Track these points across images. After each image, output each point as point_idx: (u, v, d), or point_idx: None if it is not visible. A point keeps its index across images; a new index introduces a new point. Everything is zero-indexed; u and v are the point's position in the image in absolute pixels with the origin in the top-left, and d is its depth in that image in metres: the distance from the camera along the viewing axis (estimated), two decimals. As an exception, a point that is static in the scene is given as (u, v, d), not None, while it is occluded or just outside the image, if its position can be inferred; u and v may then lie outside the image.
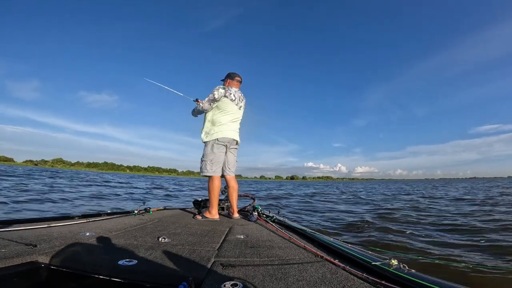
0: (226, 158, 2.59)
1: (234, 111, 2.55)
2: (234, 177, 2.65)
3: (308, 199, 10.75)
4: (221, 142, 2.48)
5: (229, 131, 2.52)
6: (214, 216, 2.43)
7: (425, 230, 4.00)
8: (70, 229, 1.62)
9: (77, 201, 6.83)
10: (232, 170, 2.64)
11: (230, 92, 2.51)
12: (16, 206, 5.24)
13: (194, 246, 1.34)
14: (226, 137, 2.49)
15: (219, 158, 2.49)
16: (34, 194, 7.28)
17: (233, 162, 2.65)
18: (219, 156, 2.49)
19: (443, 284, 0.78)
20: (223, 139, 2.48)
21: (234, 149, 2.66)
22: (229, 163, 2.62)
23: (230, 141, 2.55)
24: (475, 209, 6.36)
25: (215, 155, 2.47)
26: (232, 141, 2.56)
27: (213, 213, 2.45)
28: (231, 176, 2.63)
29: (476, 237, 3.38)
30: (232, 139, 2.55)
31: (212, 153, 2.46)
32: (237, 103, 2.55)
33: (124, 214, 2.51)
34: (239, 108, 2.59)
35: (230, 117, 2.53)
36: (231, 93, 2.51)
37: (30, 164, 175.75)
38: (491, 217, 5.04)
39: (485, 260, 2.53)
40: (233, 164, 2.65)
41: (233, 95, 2.52)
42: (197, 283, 0.85)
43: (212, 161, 2.45)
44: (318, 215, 6.04)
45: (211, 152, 2.47)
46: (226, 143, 2.51)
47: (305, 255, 1.22)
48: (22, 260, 0.99)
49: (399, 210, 6.61)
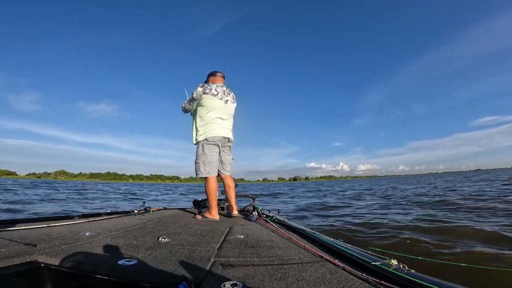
0: (221, 157, 2.55)
1: (220, 106, 2.46)
2: (230, 175, 2.63)
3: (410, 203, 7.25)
4: (211, 142, 2.42)
5: (218, 128, 2.44)
6: (214, 217, 2.42)
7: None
8: (70, 229, 1.62)
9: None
10: (227, 169, 2.60)
11: (210, 88, 2.45)
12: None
13: (194, 246, 1.34)
14: (215, 136, 2.42)
15: (211, 158, 2.44)
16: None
17: (227, 161, 2.61)
18: (211, 156, 2.43)
19: (443, 284, 0.78)
20: (213, 138, 2.42)
21: (227, 147, 2.61)
22: (224, 162, 2.58)
23: (221, 139, 2.47)
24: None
25: (207, 155, 2.42)
26: (222, 139, 2.49)
27: (213, 214, 2.43)
28: (227, 174, 2.60)
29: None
30: (223, 137, 2.47)
31: (204, 154, 2.42)
32: (221, 97, 2.47)
33: (124, 214, 2.51)
34: (225, 102, 2.50)
35: (217, 113, 2.45)
36: (211, 88, 2.44)
37: (33, 176, 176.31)
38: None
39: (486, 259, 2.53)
40: (227, 163, 2.61)
41: (214, 90, 2.44)
42: (197, 283, 0.85)
43: (205, 162, 2.41)
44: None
45: (202, 153, 2.42)
46: (216, 141, 2.45)
47: (305, 255, 1.22)
48: (22, 260, 0.99)
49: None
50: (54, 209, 6.92)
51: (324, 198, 11.44)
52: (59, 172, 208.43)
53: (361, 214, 5.75)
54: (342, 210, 6.64)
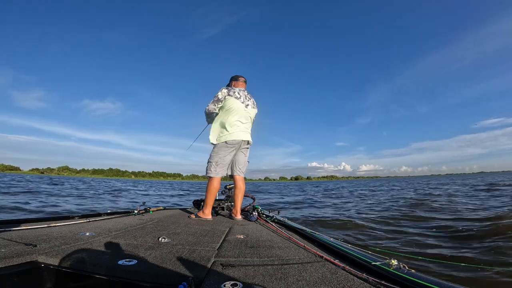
0: (237, 158, 2.57)
1: (241, 109, 2.51)
2: (243, 178, 2.64)
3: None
4: (230, 145, 2.46)
5: (239, 132, 2.48)
6: (206, 216, 2.44)
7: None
8: (70, 229, 1.62)
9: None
10: (242, 170, 2.62)
11: (233, 90, 2.51)
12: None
13: (194, 246, 1.34)
14: (235, 139, 2.46)
15: (224, 160, 2.47)
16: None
17: (243, 162, 2.63)
18: (224, 159, 2.47)
19: (443, 284, 0.78)
20: (232, 142, 2.45)
21: (245, 149, 2.64)
22: (240, 163, 2.60)
23: (240, 142, 2.50)
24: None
25: (221, 157, 2.45)
26: (242, 142, 2.52)
27: (206, 213, 2.45)
28: (240, 176, 2.62)
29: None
30: (242, 140, 2.50)
31: (218, 155, 2.45)
32: (243, 101, 2.52)
33: (124, 214, 2.51)
34: (246, 107, 2.55)
35: (238, 116, 2.50)
36: (234, 91, 2.51)
37: (37, 172, 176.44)
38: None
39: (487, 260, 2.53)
40: (243, 164, 2.63)
41: (237, 93, 2.51)
42: (197, 283, 0.85)
43: (217, 163, 2.44)
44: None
45: (217, 154, 2.45)
46: (235, 144, 2.49)
47: (305, 255, 1.22)
48: (22, 260, 0.99)
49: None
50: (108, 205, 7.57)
51: (297, 196, 13.53)
52: (62, 168, 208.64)
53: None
54: (306, 207, 8.14)
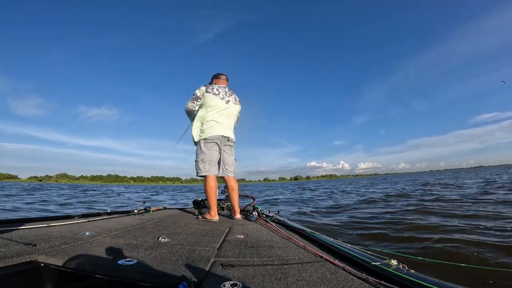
0: (222, 157, 2.52)
1: (221, 105, 2.48)
2: (233, 177, 2.58)
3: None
4: (209, 140, 2.42)
5: (218, 127, 2.44)
6: (213, 218, 2.39)
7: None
8: (70, 229, 1.62)
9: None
10: (230, 170, 2.55)
11: (212, 87, 2.49)
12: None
13: (194, 246, 1.34)
14: (214, 134, 2.42)
15: (210, 156, 2.43)
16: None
17: (230, 162, 2.56)
18: (210, 155, 2.43)
19: (442, 284, 0.78)
20: (212, 137, 2.42)
21: (228, 147, 2.57)
22: (226, 163, 2.53)
23: (220, 138, 2.46)
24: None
25: (205, 153, 2.42)
26: (222, 138, 2.47)
27: (212, 214, 2.41)
28: (230, 176, 2.56)
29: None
30: (222, 135, 2.45)
31: (202, 152, 2.42)
32: (222, 97, 2.49)
33: (124, 214, 2.51)
34: (227, 103, 2.51)
35: (217, 112, 2.47)
36: (213, 88, 2.49)
37: (35, 180, 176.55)
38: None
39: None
40: (230, 163, 2.56)
41: (215, 90, 2.48)
42: (197, 283, 0.85)
43: (204, 160, 2.41)
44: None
45: (201, 151, 2.43)
46: (215, 140, 2.44)
47: (305, 255, 1.22)
48: (22, 260, 0.99)
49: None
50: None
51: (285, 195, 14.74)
52: (60, 175, 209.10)
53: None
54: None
